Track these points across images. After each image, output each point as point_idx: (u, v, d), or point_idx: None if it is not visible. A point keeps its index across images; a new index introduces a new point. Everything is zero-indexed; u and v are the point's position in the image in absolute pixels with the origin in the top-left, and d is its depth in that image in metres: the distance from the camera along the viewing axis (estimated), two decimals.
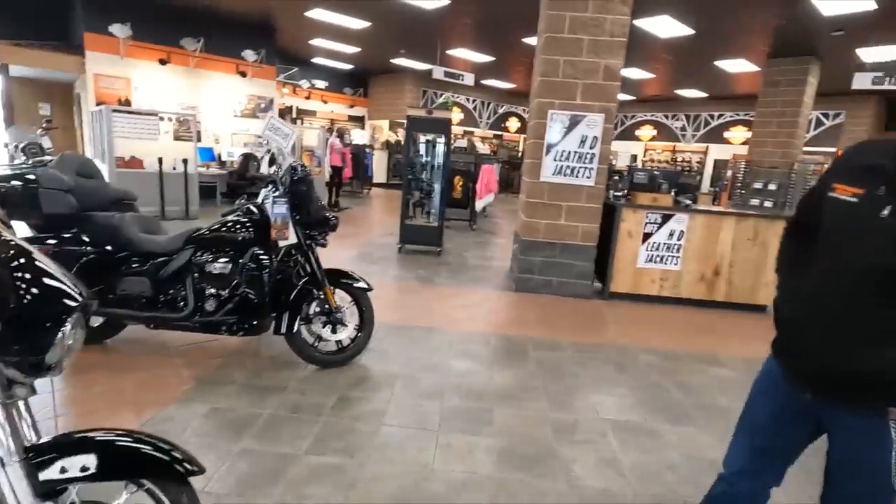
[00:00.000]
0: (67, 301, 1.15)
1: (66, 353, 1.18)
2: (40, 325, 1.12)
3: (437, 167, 6.86)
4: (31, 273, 1.11)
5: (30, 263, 1.11)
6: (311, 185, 2.99)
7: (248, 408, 2.53)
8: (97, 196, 3.15)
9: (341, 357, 3.11)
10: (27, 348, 1.11)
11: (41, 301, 1.12)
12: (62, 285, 1.15)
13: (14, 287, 1.07)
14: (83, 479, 1.23)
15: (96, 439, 1.26)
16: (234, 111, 10.57)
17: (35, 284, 1.10)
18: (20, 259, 1.10)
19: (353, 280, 3.12)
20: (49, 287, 1.13)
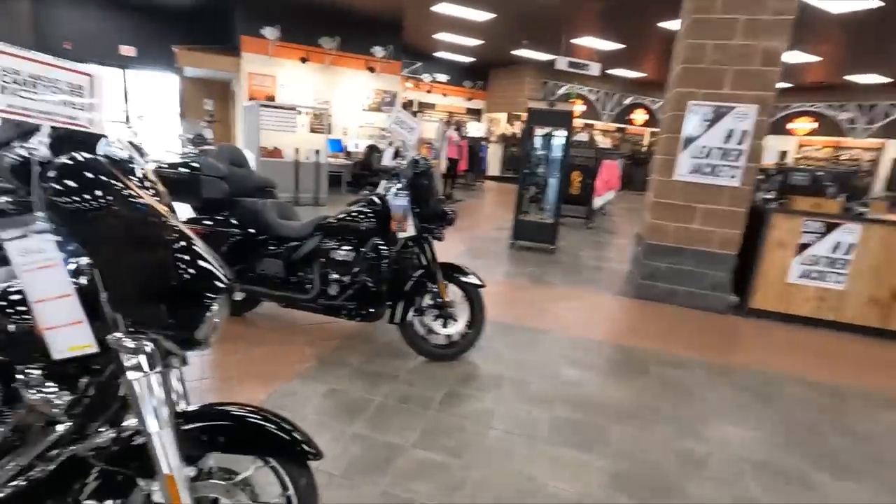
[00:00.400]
0: (217, 283, 1.23)
1: (212, 330, 1.28)
2: (193, 303, 1.20)
3: (555, 161, 6.60)
4: (189, 256, 1.19)
5: (189, 247, 1.19)
6: (432, 178, 3.00)
7: (362, 392, 2.63)
8: (245, 183, 3.49)
9: (451, 352, 3.10)
10: (182, 324, 1.20)
11: (196, 281, 1.20)
12: (213, 268, 1.23)
13: (175, 267, 1.16)
14: (218, 448, 1.33)
15: (232, 413, 1.35)
16: (361, 105, 11.21)
17: (192, 266, 1.18)
18: (182, 242, 1.18)
19: (466, 275, 3.08)
20: (203, 269, 1.21)
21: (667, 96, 4.86)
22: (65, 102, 0.98)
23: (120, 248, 1.09)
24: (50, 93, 0.96)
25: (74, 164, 1.01)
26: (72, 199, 1.00)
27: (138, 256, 1.12)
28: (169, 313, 1.18)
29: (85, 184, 1.03)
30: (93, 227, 1.05)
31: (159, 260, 1.17)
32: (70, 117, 1.00)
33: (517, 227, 6.34)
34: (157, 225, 1.18)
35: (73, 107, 1.00)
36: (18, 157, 0.97)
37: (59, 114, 0.98)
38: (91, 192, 1.04)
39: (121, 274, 1.11)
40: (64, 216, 1.01)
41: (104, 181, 1.07)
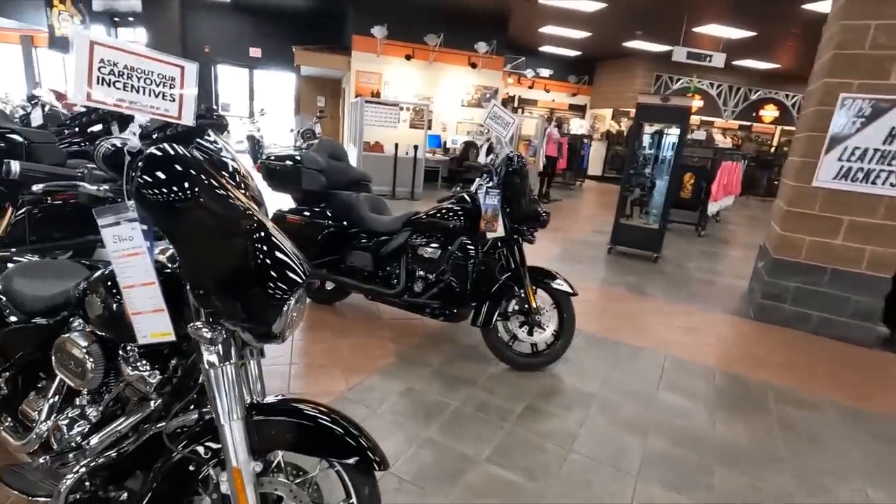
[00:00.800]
0: (294, 277, 1.19)
1: (289, 324, 1.25)
2: (270, 297, 1.17)
3: (664, 161, 6.04)
4: (267, 246, 1.16)
5: (267, 238, 1.17)
6: (526, 177, 2.84)
7: (439, 395, 2.56)
8: (342, 176, 3.58)
9: (535, 361, 2.92)
10: (258, 317, 1.19)
11: (273, 275, 1.17)
12: (291, 263, 1.19)
13: (254, 257, 1.13)
14: (286, 446, 1.30)
15: (303, 411, 1.31)
16: (461, 101, 11.23)
17: (270, 259, 1.15)
18: (260, 233, 1.16)
19: (556, 281, 2.88)
20: (280, 262, 1.18)
21: (809, 89, 4.19)
22: (156, 94, 0.98)
23: (202, 240, 1.10)
24: (143, 84, 0.98)
25: (162, 156, 1.02)
26: (157, 190, 1.01)
27: (219, 249, 1.12)
28: (246, 306, 1.17)
29: (171, 175, 1.04)
30: (177, 218, 1.06)
31: (239, 253, 1.15)
32: (161, 109, 1.01)
33: (617, 231, 5.91)
34: (240, 219, 1.16)
35: (164, 98, 1.01)
36: (112, 146, 0.99)
37: (151, 105, 0.99)
38: (177, 183, 1.04)
39: (202, 265, 1.11)
40: (150, 206, 1.03)
41: (191, 174, 1.08)
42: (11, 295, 1.69)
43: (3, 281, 1.74)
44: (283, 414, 1.31)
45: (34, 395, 1.63)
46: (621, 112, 14.66)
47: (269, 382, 2.54)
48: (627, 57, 13.77)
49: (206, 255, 1.12)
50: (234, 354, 1.21)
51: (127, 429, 1.40)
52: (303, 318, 1.32)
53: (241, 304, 1.16)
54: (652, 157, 6.15)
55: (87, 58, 0.90)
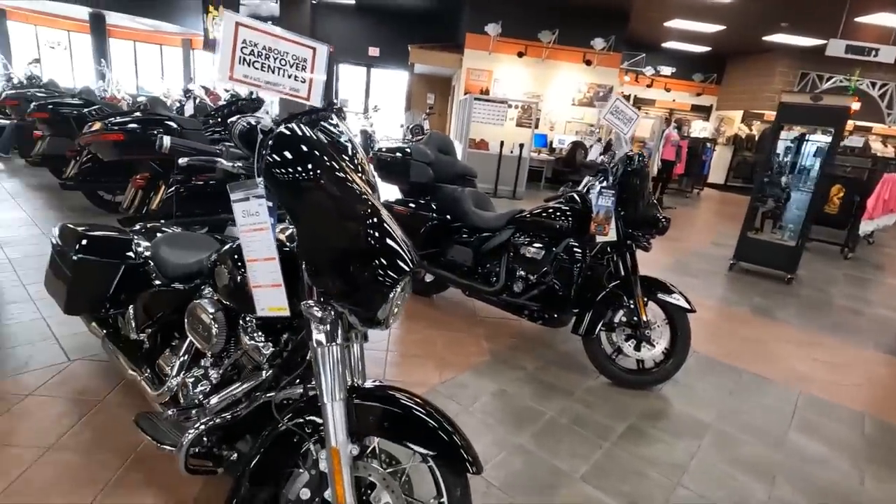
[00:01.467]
0: (402, 265, 1.18)
1: (394, 311, 1.25)
2: (378, 282, 1.17)
3: (808, 170, 5.28)
4: (379, 232, 1.16)
5: (380, 223, 1.16)
6: (646, 178, 2.61)
7: (532, 401, 2.45)
8: (449, 170, 3.59)
9: (640, 379, 2.68)
10: (365, 302, 1.19)
11: (382, 260, 1.17)
12: (401, 250, 1.18)
13: (366, 241, 1.13)
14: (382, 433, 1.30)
15: (400, 400, 1.30)
16: (572, 99, 10.84)
17: (380, 243, 1.15)
18: (374, 218, 1.16)
19: (671, 294, 2.62)
20: (390, 248, 1.17)
21: None
22: (289, 75, 1.01)
23: (320, 219, 1.12)
24: (278, 65, 1.00)
25: (290, 136, 1.06)
26: (284, 168, 1.05)
27: (335, 229, 1.13)
28: (355, 289, 1.18)
29: (298, 155, 1.07)
30: (300, 196, 1.10)
31: (353, 235, 1.16)
32: (292, 89, 1.03)
33: (743, 245, 5.28)
34: (356, 202, 1.17)
35: (295, 80, 1.03)
36: (247, 124, 1.04)
37: (284, 85, 1.02)
38: (302, 163, 1.08)
39: (318, 244, 1.14)
40: (276, 183, 1.06)
41: (315, 154, 1.11)
42: (158, 261, 1.89)
43: (152, 248, 1.96)
44: (380, 400, 1.30)
45: (169, 351, 1.81)
46: (753, 114, 13.17)
47: (368, 367, 2.62)
48: (766, 52, 12.31)
49: (322, 234, 1.14)
50: (341, 336, 1.23)
51: (241, 394, 1.50)
52: (404, 307, 1.31)
53: (351, 286, 1.17)
54: (791, 165, 5.40)
55: (233, 38, 0.94)
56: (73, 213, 4.73)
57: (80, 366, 2.30)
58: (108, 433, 1.89)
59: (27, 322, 2.63)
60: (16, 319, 2.64)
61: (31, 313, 2.72)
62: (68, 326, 2.54)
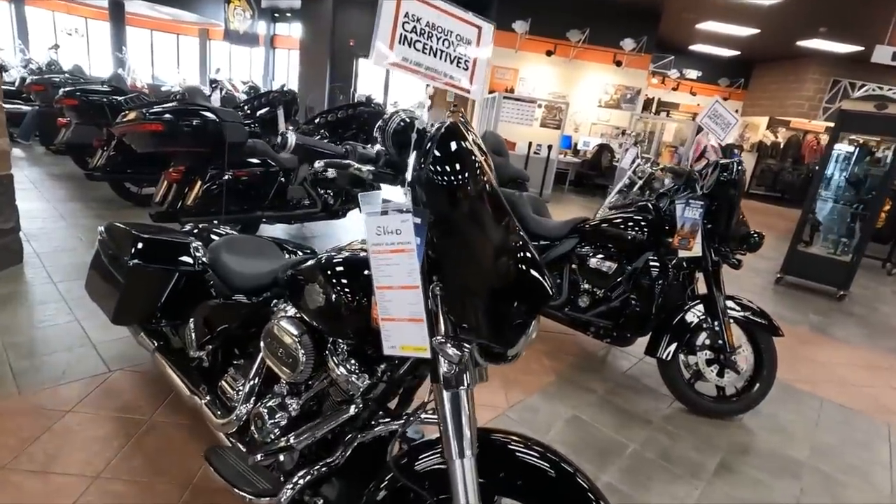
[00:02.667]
0: (544, 294, 1.01)
1: (525, 345, 1.06)
2: (520, 312, 1.00)
3: (862, 182, 5.03)
4: (523, 256, 0.99)
5: (525, 246, 1.00)
6: (741, 189, 2.38)
7: (612, 431, 2.23)
8: (500, 172, 3.38)
9: (722, 408, 2.47)
10: (503, 334, 1.01)
11: (527, 291, 1.00)
12: (542, 279, 1.00)
13: (515, 266, 0.96)
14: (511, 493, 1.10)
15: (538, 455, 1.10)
16: (599, 101, 10.59)
17: (526, 269, 0.98)
18: (520, 240, 0.99)
19: (757, 316, 2.40)
20: (533, 279, 0.99)
21: None
22: (452, 59, 0.80)
23: (474, 241, 0.93)
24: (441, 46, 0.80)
25: (457, 135, 0.87)
26: (447, 176, 0.85)
27: (487, 252, 0.95)
28: (495, 321, 0.98)
29: (461, 161, 0.88)
30: (456, 212, 0.90)
31: (503, 259, 0.98)
32: (452, 78, 0.82)
33: (792, 258, 5.03)
34: (505, 221, 0.99)
35: (458, 65, 0.82)
36: (403, 122, 0.84)
37: (445, 72, 0.81)
38: (465, 171, 0.89)
39: (466, 269, 0.95)
40: (435, 193, 0.87)
41: (476, 163, 0.92)
42: (218, 268, 1.69)
43: (211, 253, 1.76)
44: (513, 453, 1.10)
45: (233, 371, 1.61)
46: (779, 121, 12.86)
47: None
48: (797, 58, 12.00)
49: (474, 258, 0.94)
50: (469, 378, 1.03)
51: (326, 430, 1.29)
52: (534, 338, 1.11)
53: (493, 318, 0.98)
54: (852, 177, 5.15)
55: (395, 10, 0.73)
56: (98, 205, 4.55)
57: (122, 377, 2.11)
58: (161, 458, 1.70)
59: (62, 325, 2.43)
60: (49, 322, 2.45)
61: (65, 315, 2.53)
62: (106, 332, 2.34)
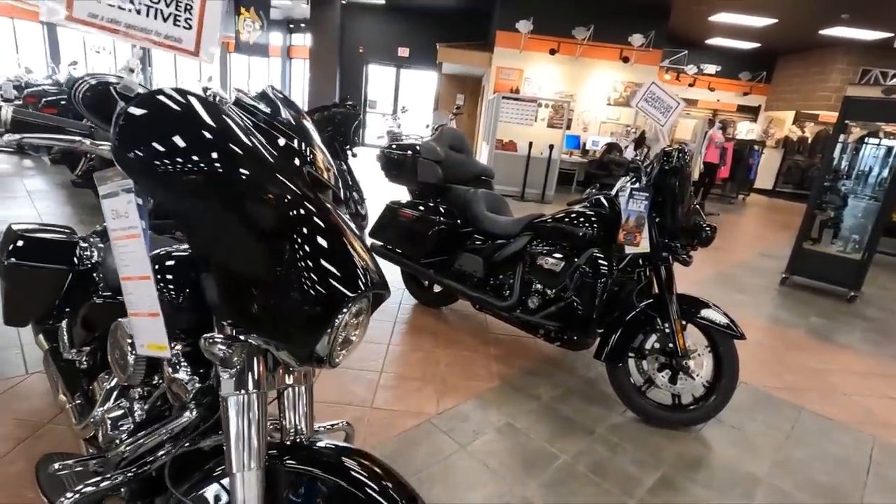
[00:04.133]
0: (347, 286, 0.86)
1: (341, 346, 0.93)
2: (313, 307, 0.86)
3: (875, 175, 4.67)
4: (313, 244, 0.84)
5: (317, 233, 0.84)
6: (688, 179, 2.19)
7: (546, 441, 2.07)
8: (463, 170, 3.26)
9: (676, 417, 2.26)
10: (295, 334, 0.88)
11: (315, 280, 0.86)
12: (347, 268, 0.86)
13: (293, 256, 0.82)
14: None
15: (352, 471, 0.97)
16: (607, 99, 10.30)
17: (315, 258, 0.83)
18: (307, 225, 0.84)
19: (715, 316, 2.19)
20: (328, 267, 0.85)
21: None
22: (165, 16, 0.69)
23: (221, 228, 0.80)
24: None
25: (161, 107, 0.74)
26: (152, 155, 0.73)
27: (241, 241, 0.81)
28: (280, 319, 0.85)
29: (162, 132, 0.75)
30: (182, 195, 0.77)
31: (270, 248, 0.84)
32: (169, 37, 0.71)
33: (798, 256, 4.70)
34: (286, 204, 0.84)
35: (174, 23, 0.71)
36: (100, 86, 0.73)
37: (156, 30, 0.70)
38: (184, 148, 0.75)
39: (218, 259, 0.82)
40: (142, 174, 0.75)
41: (205, 137, 0.78)
42: (104, 267, 1.63)
43: (103, 252, 1.70)
44: (323, 468, 0.98)
45: (104, 375, 1.55)
46: (806, 115, 12.23)
47: (354, 389, 2.30)
48: (823, 48, 11.40)
49: (222, 246, 0.82)
50: (253, 381, 0.91)
51: (163, 437, 1.20)
52: (363, 336, 0.98)
53: (271, 314, 0.85)
54: (854, 168, 4.79)
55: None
56: (84, 211, 4.65)
57: (36, 380, 2.08)
58: None
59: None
60: None
61: None
62: None
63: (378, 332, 2.86)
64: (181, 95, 0.75)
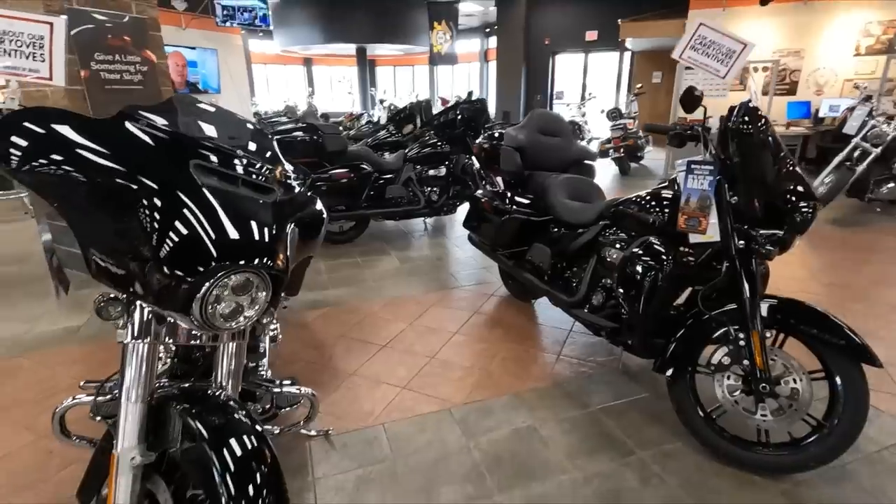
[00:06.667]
0: (206, 258, 1.04)
1: (222, 309, 1.10)
2: (174, 272, 1.04)
3: None
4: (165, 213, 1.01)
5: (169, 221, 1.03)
6: (767, 146, 1.63)
7: (562, 453, 1.83)
8: (555, 154, 3.04)
9: (753, 457, 1.71)
10: (160, 294, 1.08)
11: (171, 246, 1.01)
12: (214, 237, 1.02)
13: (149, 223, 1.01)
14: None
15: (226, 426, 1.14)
16: (855, 48, 7.87)
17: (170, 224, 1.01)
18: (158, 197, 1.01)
19: (831, 331, 1.59)
20: (181, 238, 1.03)
21: None
22: (26, 55, 0.96)
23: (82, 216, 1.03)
24: (14, 47, 0.97)
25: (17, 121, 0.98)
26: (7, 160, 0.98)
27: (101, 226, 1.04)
28: (145, 280, 1.07)
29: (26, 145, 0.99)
30: (37, 191, 1.03)
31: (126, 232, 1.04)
32: (31, 70, 0.98)
33: None
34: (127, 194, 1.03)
35: (34, 59, 0.98)
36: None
37: (23, 68, 0.97)
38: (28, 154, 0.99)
39: (91, 240, 1.06)
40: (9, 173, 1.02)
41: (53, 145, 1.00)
42: None
43: None
44: (201, 421, 1.14)
45: None
46: None
47: (397, 370, 2.41)
48: None
49: (89, 231, 1.05)
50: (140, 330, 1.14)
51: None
52: (265, 306, 1.15)
53: (136, 276, 1.06)
54: None
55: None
56: None
57: None
58: None
59: None
60: None
61: None
62: None
63: (449, 321, 2.91)
64: (35, 115, 1.01)
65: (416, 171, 4.52)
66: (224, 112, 1.43)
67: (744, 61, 1.69)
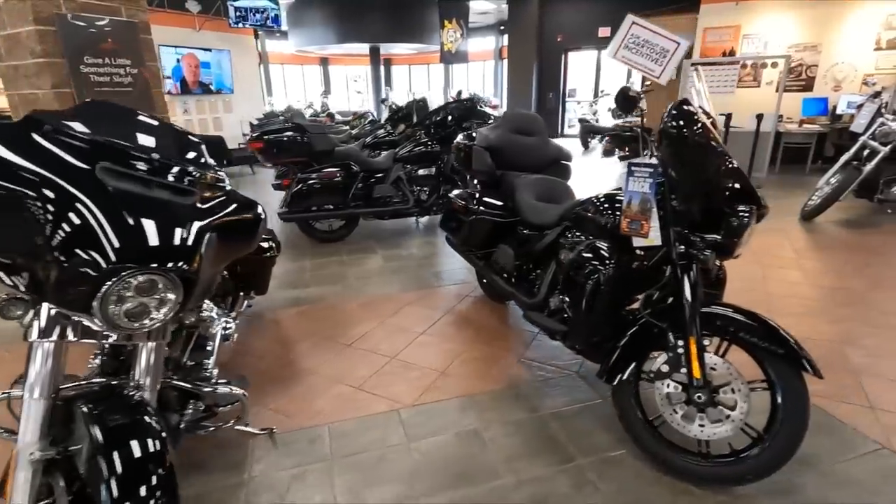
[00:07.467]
0: (102, 259, 1.09)
1: (120, 308, 1.14)
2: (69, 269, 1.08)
3: None
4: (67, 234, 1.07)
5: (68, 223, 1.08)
6: (703, 148, 1.57)
7: (501, 457, 1.82)
8: (530, 154, 3.01)
9: (695, 468, 1.67)
10: (55, 293, 1.13)
11: (72, 247, 1.07)
12: (108, 240, 1.09)
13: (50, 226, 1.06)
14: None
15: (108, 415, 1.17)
16: (876, 41, 7.54)
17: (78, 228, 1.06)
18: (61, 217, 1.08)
19: (768, 338, 1.54)
20: (81, 239, 1.08)
21: None
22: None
23: None
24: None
25: None
26: None
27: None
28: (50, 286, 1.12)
29: None
30: None
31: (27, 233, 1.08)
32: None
33: None
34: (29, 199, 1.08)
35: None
36: None
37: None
38: None
39: None
40: None
41: None
42: None
43: None
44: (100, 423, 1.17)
45: None
46: None
47: (357, 369, 2.42)
48: None
49: None
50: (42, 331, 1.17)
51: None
52: (176, 308, 1.19)
53: (37, 277, 1.11)
54: None
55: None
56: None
57: None
58: None
59: None
60: None
61: None
62: None
63: (420, 320, 2.91)
64: None
65: (406, 171, 4.53)
66: (144, 117, 1.46)
67: (678, 60, 1.66)
